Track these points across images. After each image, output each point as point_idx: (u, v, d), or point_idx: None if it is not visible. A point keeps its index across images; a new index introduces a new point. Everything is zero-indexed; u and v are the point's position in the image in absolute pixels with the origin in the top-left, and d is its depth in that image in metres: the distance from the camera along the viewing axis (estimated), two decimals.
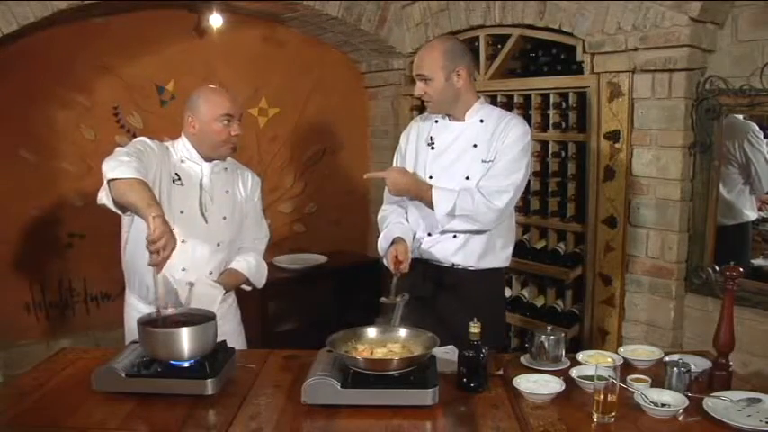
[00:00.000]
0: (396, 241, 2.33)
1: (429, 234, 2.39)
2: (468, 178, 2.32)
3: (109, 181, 1.97)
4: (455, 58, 2.31)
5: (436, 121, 2.44)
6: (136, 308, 2.33)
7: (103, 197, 2.02)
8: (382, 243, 2.40)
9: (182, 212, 2.29)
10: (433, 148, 2.41)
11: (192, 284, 2.23)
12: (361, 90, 4.70)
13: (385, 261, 2.39)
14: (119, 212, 2.08)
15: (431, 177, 2.38)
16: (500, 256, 2.41)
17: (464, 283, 2.37)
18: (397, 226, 2.41)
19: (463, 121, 2.38)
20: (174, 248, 1.87)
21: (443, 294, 2.37)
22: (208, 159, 2.36)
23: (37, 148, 3.67)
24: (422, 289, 2.36)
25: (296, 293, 4.12)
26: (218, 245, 2.37)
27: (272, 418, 1.72)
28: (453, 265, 2.37)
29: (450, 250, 2.36)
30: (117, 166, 1.97)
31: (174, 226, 2.24)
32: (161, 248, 1.83)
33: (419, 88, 2.35)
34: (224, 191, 2.40)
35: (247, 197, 2.50)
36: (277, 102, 4.39)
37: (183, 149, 2.35)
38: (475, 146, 2.34)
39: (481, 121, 2.36)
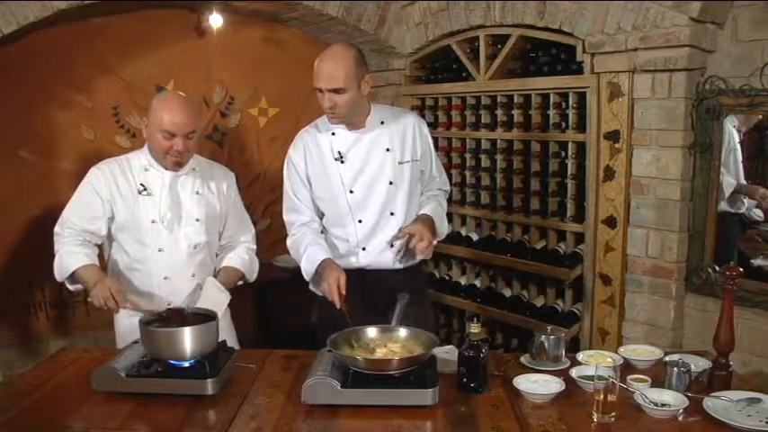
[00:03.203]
0: (327, 265, 2.21)
1: (363, 249, 2.32)
2: (391, 183, 2.30)
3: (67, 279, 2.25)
4: (362, 65, 2.20)
5: (333, 134, 2.31)
6: (126, 312, 2.26)
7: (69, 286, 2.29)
8: (307, 268, 2.28)
9: (153, 222, 2.29)
10: (342, 162, 2.30)
11: (200, 286, 2.23)
12: None
13: (313, 287, 2.35)
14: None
15: (351, 192, 2.30)
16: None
17: (408, 278, 2.35)
18: (316, 248, 2.28)
19: (364, 126, 2.30)
20: (120, 293, 2.08)
21: (395, 294, 2.19)
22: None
23: (37, 148, 3.68)
24: (370, 295, 2.28)
25: (296, 293, 4.10)
26: (195, 247, 2.36)
27: (272, 418, 1.72)
28: (397, 270, 2.35)
29: (391, 258, 2.33)
30: (58, 266, 2.26)
31: (148, 236, 2.29)
32: (107, 305, 2.07)
33: (330, 101, 2.16)
34: (194, 192, 2.37)
35: (223, 195, 2.45)
36: (277, 102, 4.39)
37: (147, 156, 2.33)
38: (388, 150, 2.30)
39: (381, 123, 2.31)
